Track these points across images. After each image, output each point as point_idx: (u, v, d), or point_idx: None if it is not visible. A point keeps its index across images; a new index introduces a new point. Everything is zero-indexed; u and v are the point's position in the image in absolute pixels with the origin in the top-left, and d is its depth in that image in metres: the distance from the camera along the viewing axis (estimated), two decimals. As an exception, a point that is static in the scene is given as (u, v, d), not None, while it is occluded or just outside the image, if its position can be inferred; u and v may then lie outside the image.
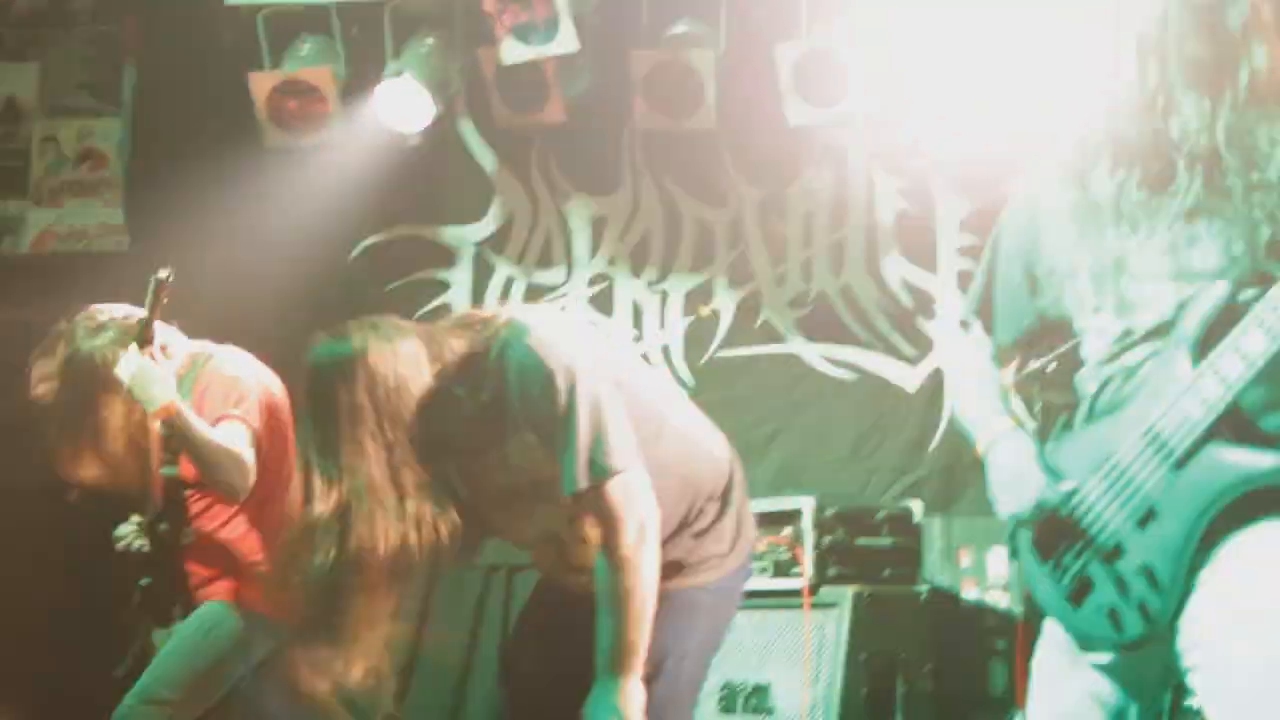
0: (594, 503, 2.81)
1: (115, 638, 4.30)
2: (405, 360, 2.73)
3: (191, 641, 4.10)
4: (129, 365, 3.93)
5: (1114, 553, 2.49)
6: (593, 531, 2.90)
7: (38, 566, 5.31)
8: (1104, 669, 2.56)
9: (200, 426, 3.97)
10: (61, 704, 5.22)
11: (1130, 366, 2.53)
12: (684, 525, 2.95)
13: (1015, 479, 2.60)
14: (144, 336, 3.94)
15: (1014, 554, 2.69)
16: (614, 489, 2.77)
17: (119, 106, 6.28)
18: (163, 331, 4.05)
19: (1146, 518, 2.46)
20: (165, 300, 3.95)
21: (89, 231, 6.35)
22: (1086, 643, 2.56)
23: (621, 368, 2.95)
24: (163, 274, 3.94)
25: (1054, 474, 2.57)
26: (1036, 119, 2.65)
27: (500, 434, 2.79)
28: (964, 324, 2.85)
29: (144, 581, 4.11)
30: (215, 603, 4.16)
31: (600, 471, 2.76)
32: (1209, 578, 2.41)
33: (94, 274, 5.95)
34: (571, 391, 2.75)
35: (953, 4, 5.74)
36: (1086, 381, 2.62)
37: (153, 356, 3.94)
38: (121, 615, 4.21)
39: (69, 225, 6.35)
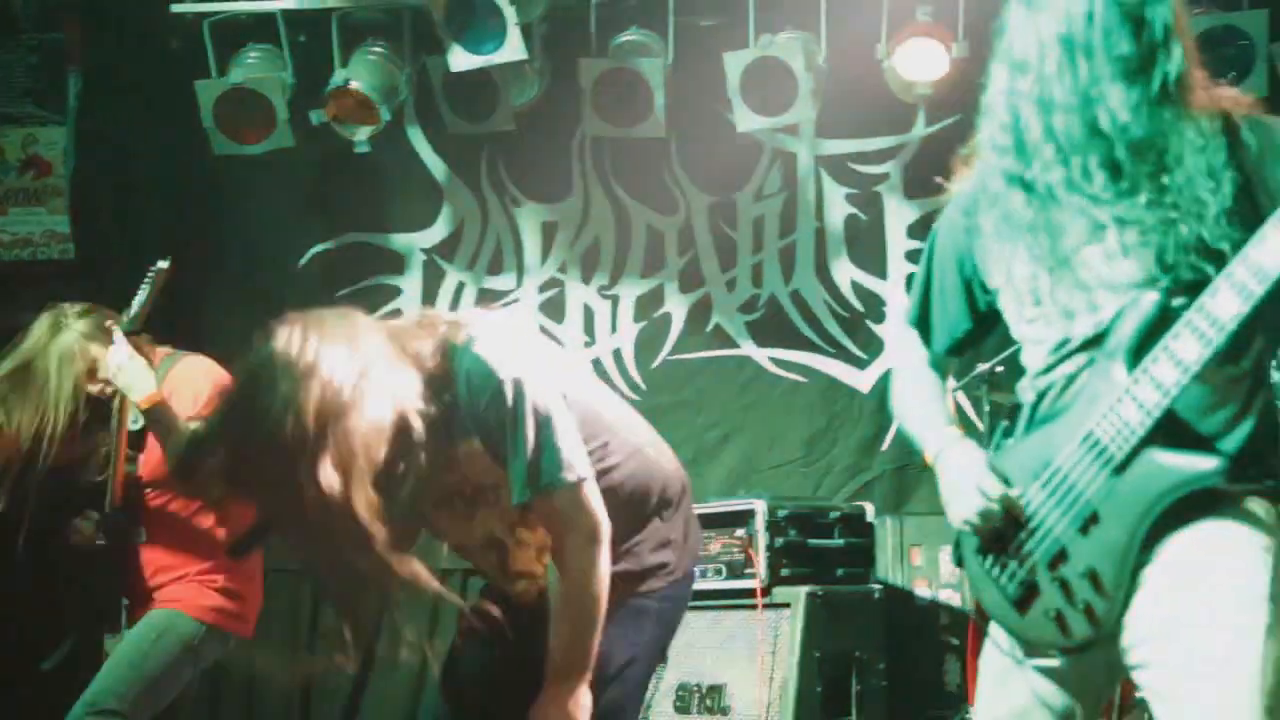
0: (544, 512, 2.83)
1: (57, 634, 4.28)
2: (370, 358, 2.70)
3: (140, 649, 4.09)
4: (119, 354, 3.92)
5: (1058, 558, 2.53)
6: (532, 538, 2.93)
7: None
8: (1050, 672, 2.59)
9: (180, 420, 3.97)
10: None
11: (1069, 375, 2.56)
12: (631, 535, 2.98)
13: (965, 487, 2.63)
14: (136, 325, 3.93)
15: (958, 561, 2.72)
16: (562, 499, 2.80)
17: (64, 114, 6.23)
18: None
19: (1089, 522, 2.50)
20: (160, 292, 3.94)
21: (34, 239, 6.30)
22: (1033, 647, 2.59)
23: (570, 379, 2.97)
24: (163, 265, 3.93)
25: (1003, 481, 2.60)
26: (974, 121, 2.67)
27: (450, 437, 2.79)
28: (904, 331, 2.88)
29: (91, 582, 4.11)
30: (165, 609, 4.15)
31: (549, 482, 2.79)
32: (1151, 576, 2.45)
33: (39, 282, 5.91)
34: (519, 402, 2.76)
35: (895, 8, 5.80)
36: (1025, 391, 2.66)
37: (139, 345, 3.93)
38: (68, 612, 4.19)
39: (13, 233, 6.30)
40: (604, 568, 2.82)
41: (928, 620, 5.75)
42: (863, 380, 6.29)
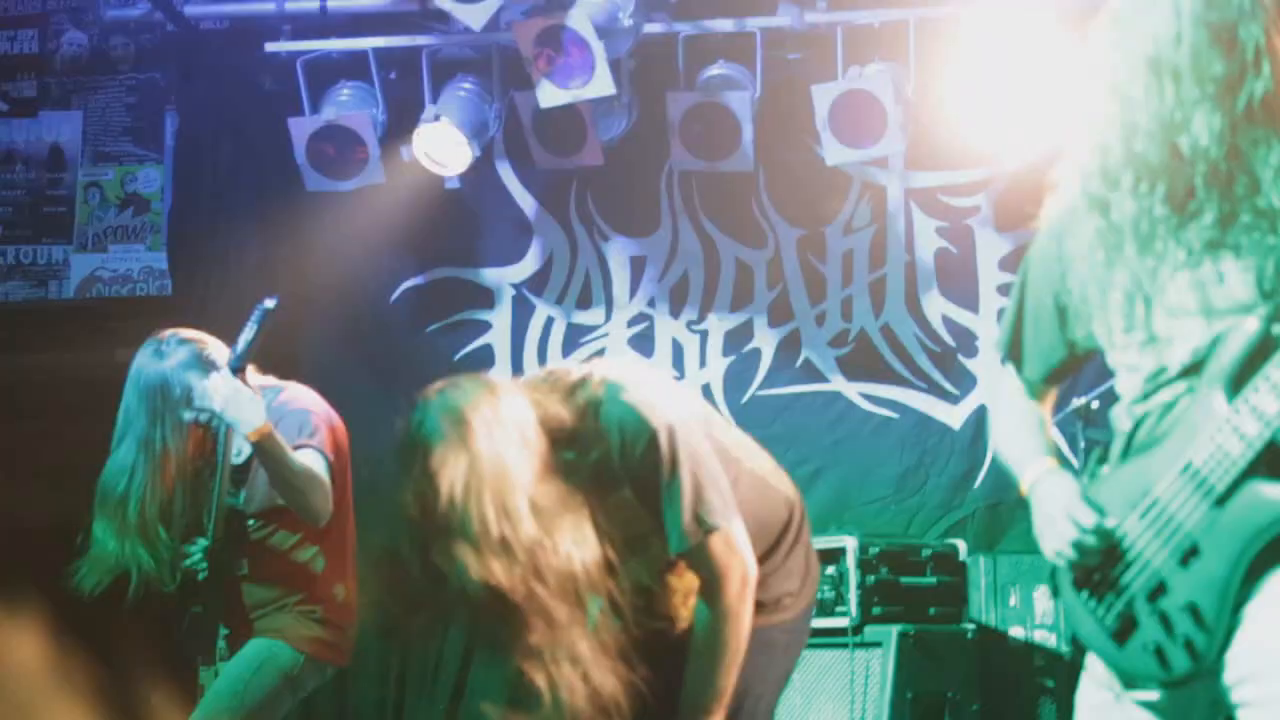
0: (699, 557, 2.89)
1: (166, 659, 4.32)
2: (514, 423, 2.74)
3: (241, 680, 4.11)
4: (224, 387, 3.96)
5: (1158, 590, 2.47)
6: (680, 584, 2.97)
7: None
8: (1150, 706, 2.53)
9: (289, 451, 4.01)
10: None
11: (1166, 403, 2.51)
12: (758, 564, 2.98)
13: (1060, 518, 2.58)
14: (242, 362, 3.98)
15: (1056, 593, 2.67)
16: (717, 544, 2.86)
17: (161, 153, 6.35)
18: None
19: (1189, 555, 2.44)
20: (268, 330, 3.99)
21: (133, 276, 6.41)
22: (1132, 680, 2.53)
23: (706, 419, 2.99)
24: (269, 303, 3.98)
25: (1098, 512, 2.55)
26: (1064, 149, 2.63)
27: (603, 491, 2.83)
28: (999, 361, 2.84)
29: (195, 609, 4.14)
30: (265, 639, 4.17)
31: (706, 528, 2.83)
32: (1254, 613, 2.38)
33: (138, 318, 6.01)
34: (674, 450, 2.82)
35: (978, 42, 5.75)
36: (1121, 419, 2.61)
37: (245, 381, 3.97)
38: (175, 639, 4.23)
39: (113, 270, 6.41)
40: (750, 609, 2.90)
41: (1022, 662, 5.65)
42: (955, 416, 6.22)
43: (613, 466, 2.81)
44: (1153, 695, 2.52)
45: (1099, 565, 2.54)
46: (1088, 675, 2.64)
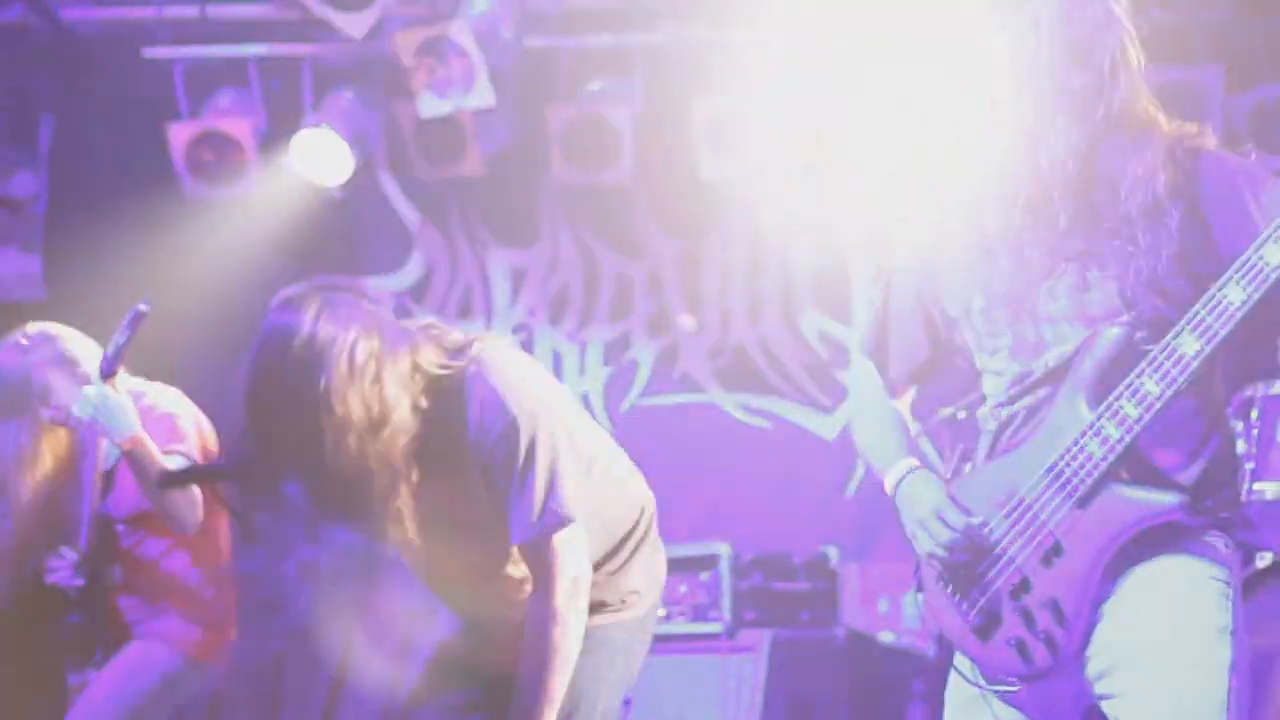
0: (535, 553, 2.84)
1: (35, 675, 4.26)
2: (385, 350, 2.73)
3: (118, 686, 4.07)
4: (95, 395, 3.91)
5: (1020, 587, 2.56)
6: (519, 570, 2.95)
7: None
8: (1013, 701, 2.62)
9: (160, 460, 3.96)
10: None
11: (1031, 407, 2.60)
12: (603, 563, 2.99)
13: (929, 519, 2.65)
14: (113, 368, 3.93)
15: (919, 587, 2.74)
16: (557, 542, 2.81)
17: (36, 156, 6.25)
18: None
19: (1051, 553, 2.53)
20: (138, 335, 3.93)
21: (5, 280, 6.30)
22: (994, 675, 2.62)
23: (568, 415, 2.98)
24: (143, 308, 3.91)
25: (962, 510, 2.63)
26: (932, 155, 2.70)
27: (449, 461, 2.79)
28: (861, 361, 2.90)
29: (73, 619, 4.09)
30: (142, 644, 4.13)
31: (549, 522, 2.80)
32: (1114, 609, 2.49)
33: (9, 322, 5.91)
34: (532, 442, 2.77)
35: (851, 57, 5.87)
36: (987, 420, 2.69)
37: (114, 388, 3.92)
38: (45, 652, 4.17)
39: (-14, 273, 6.30)
40: (583, 614, 2.85)
41: (892, 666, 5.78)
42: (828, 427, 6.34)
43: (463, 444, 2.77)
44: (1016, 689, 2.61)
45: (965, 563, 2.63)
46: (954, 672, 2.73)
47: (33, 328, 4.16)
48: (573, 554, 2.83)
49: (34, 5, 5.90)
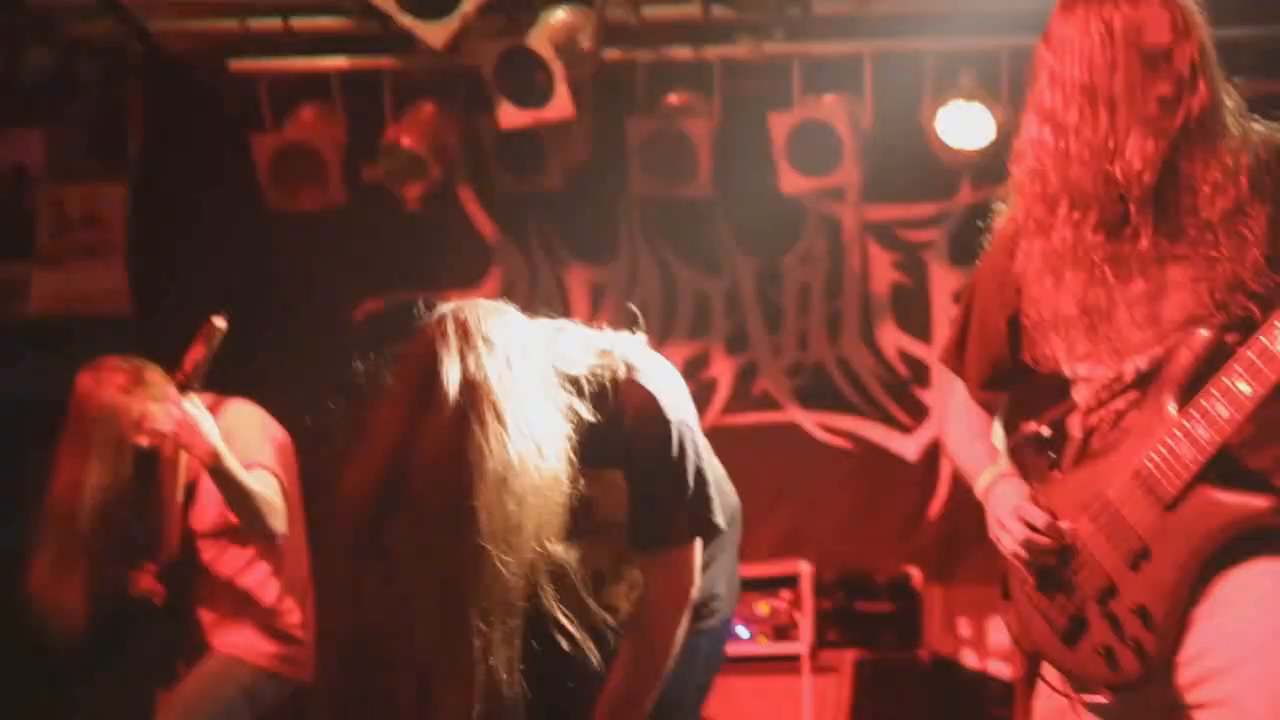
0: (659, 561, 2.81)
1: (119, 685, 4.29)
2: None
3: (199, 697, 4.09)
4: (175, 411, 3.93)
5: (1108, 592, 2.50)
6: (634, 575, 2.91)
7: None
8: (1103, 711, 2.56)
9: (243, 473, 3.98)
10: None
11: (1120, 411, 2.55)
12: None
13: (1011, 519, 2.61)
14: (193, 383, 3.95)
15: (1005, 594, 2.69)
16: (688, 553, 2.79)
17: (123, 171, 6.34)
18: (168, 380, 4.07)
19: (1139, 558, 2.47)
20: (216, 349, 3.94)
21: (91, 294, 6.37)
22: (1083, 683, 2.56)
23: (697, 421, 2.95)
24: (219, 322, 3.94)
25: (1049, 514, 2.58)
26: (1010, 171, 2.66)
27: (594, 461, 2.72)
28: (947, 369, 2.88)
29: (154, 630, 4.12)
30: (223, 656, 4.15)
31: (701, 529, 2.78)
32: (1204, 616, 2.42)
33: (95, 336, 5.98)
34: (683, 447, 2.74)
35: (939, 71, 5.83)
36: (1074, 427, 2.65)
37: (194, 403, 3.95)
38: (128, 662, 4.20)
39: (73, 288, 6.38)
40: (685, 626, 2.82)
41: (975, 690, 5.68)
42: (909, 446, 6.26)
43: (612, 442, 2.71)
44: (1105, 699, 2.54)
45: (1050, 567, 2.57)
46: (1043, 680, 2.67)
47: (110, 359, 4.20)
48: (689, 568, 2.82)
49: (123, 20, 5.98)
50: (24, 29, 6.21)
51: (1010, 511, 2.59)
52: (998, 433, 2.87)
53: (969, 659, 5.75)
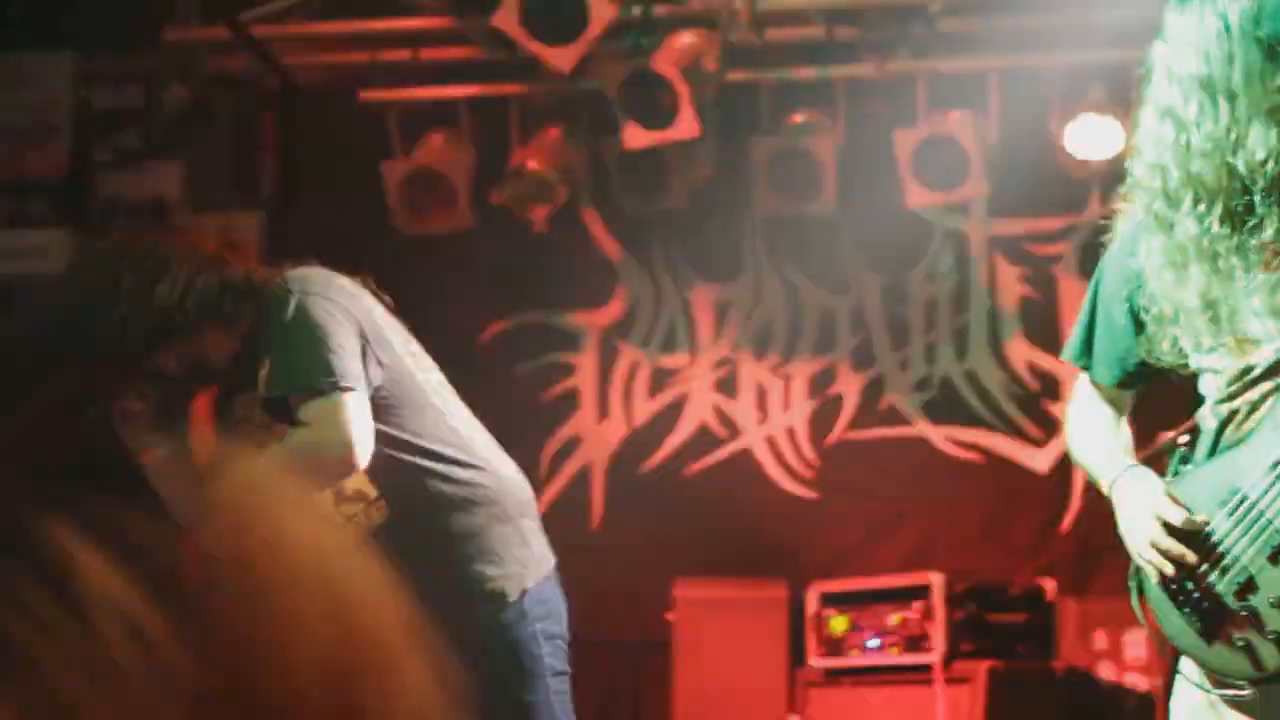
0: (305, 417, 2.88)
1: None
2: None
3: None
4: None
5: (1247, 586, 2.47)
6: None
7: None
8: (1242, 705, 2.53)
9: None
10: None
11: (1253, 401, 2.53)
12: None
13: (1144, 516, 2.59)
14: None
15: (1140, 590, 2.67)
16: (320, 406, 2.85)
17: (258, 200, 6.51)
18: None
19: (1278, 551, 2.44)
20: None
21: (229, 321, 6.54)
22: (1222, 678, 2.53)
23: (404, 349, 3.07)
24: None
25: (1184, 509, 2.56)
26: (1129, 167, 2.66)
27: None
28: (1071, 364, 2.86)
29: None
30: None
31: (308, 383, 2.85)
32: (1346, 608, 2.39)
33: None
34: (299, 309, 2.91)
35: (1066, 85, 5.80)
36: (1206, 419, 2.62)
37: None
38: None
39: (210, 316, 6.55)
40: (323, 479, 2.84)
41: (1112, 702, 5.60)
42: (1040, 460, 6.21)
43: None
44: (1244, 693, 2.52)
45: (1186, 563, 2.55)
46: (1182, 677, 2.64)
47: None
48: (338, 420, 2.93)
49: (258, 55, 6.16)
50: (163, 66, 6.42)
51: (1146, 509, 2.57)
52: (1125, 431, 2.85)
53: (1105, 671, 5.67)
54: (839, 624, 5.51)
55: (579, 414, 6.57)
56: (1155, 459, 5.04)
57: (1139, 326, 2.69)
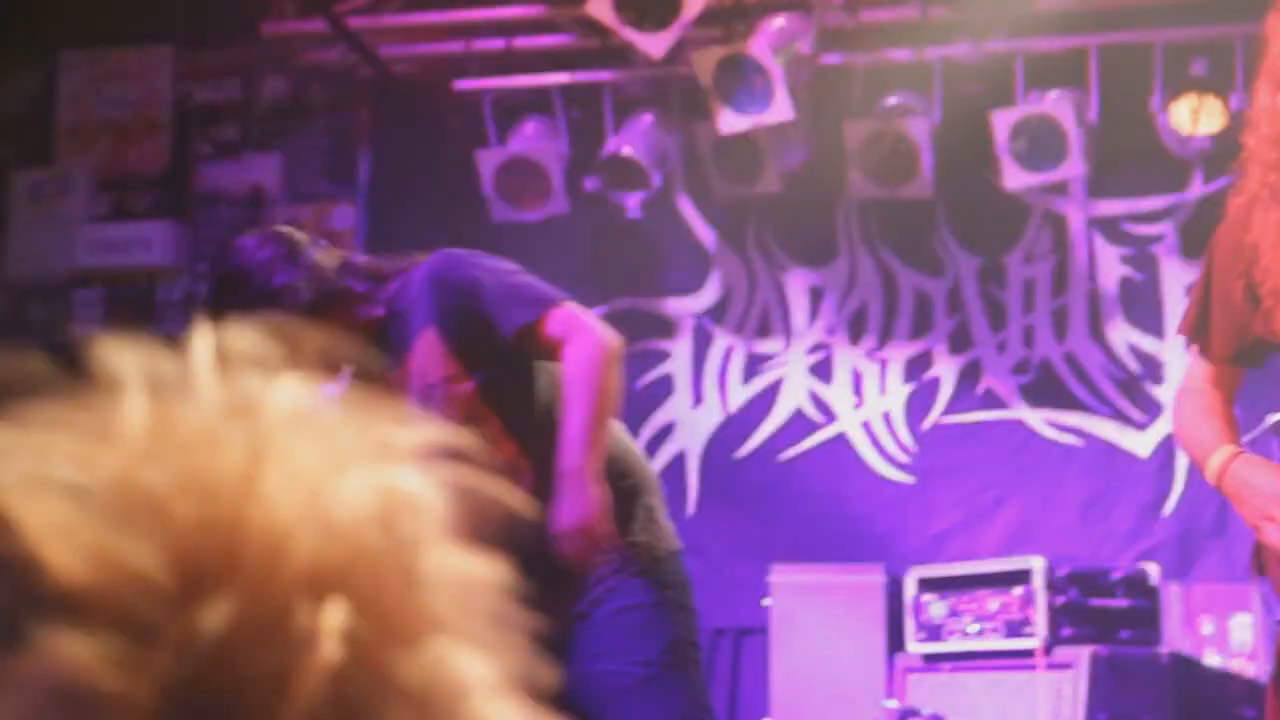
0: (544, 334, 3.13)
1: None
2: None
3: None
4: None
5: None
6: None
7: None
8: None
9: None
10: None
11: None
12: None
13: (1263, 495, 2.54)
14: None
15: (1260, 571, 2.63)
16: (559, 317, 3.13)
17: (355, 190, 6.58)
18: None
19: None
20: None
21: (327, 310, 6.61)
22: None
23: None
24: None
25: None
26: (1245, 140, 2.62)
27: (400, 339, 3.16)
28: (1184, 343, 2.82)
29: None
30: None
31: (545, 304, 3.16)
32: None
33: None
34: (479, 262, 3.23)
35: (1168, 62, 5.71)
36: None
37: None
38: None
39: (309, 306, 6.63)
40: (612, 376, 2.94)
41: (1219, 689, 5.51)
42: (1141, 443, 6.12)
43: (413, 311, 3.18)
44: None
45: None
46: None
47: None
48: (582, 321, 3.19)
49: (354, 46, 6.22)
50: (260, 59, 6.50)
51: (1270, 488, 2.53)
52: (1232, 414, 2.80)
53: (1211, 657, 5.58)
54: (938, 609, 5.47)
55: (673, 400, 6.56)
56: (1261, 440, 4.97)
57: (1255, 302, 2.65)
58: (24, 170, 6.56)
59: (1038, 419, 6.26)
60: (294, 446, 0.64)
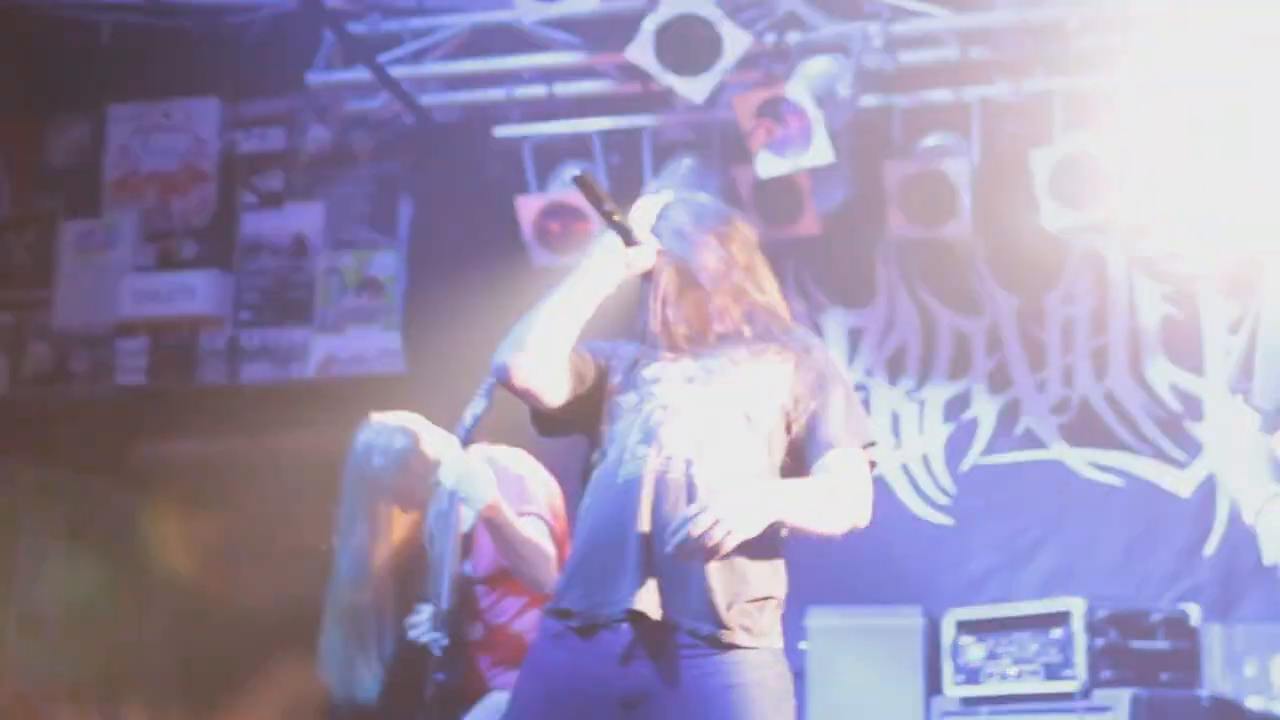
0: None
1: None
2: None
3: None
4: (457, 465, 4.07)
5: None
6: None
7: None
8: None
9: (518, 522, 4.10)
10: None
11: None
12: None
13: None
14: (472, 437, 4.07)
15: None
16: None
17: (396, 238, 6.65)
18: (446, 435, 4.23)
19: None
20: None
21: (368, 355, 6.68)
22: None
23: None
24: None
25: None
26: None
27: None
28: (1231, 395, 2.83)
29: (439, 677, 4.24)
30: (502, 692, 4.27)
31: None
32: None
33: (373, 395, 6.27)
34: None
35: (1198, 103, 5.71)
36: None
37: (474, 456, 4.08)
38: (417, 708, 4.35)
39: (350, 351, 6.70)
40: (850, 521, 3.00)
41: (1263, 733, 5.48)
42: (1183, 483, 6.10)
43: None
44: None
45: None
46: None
47: (375, 417, 4.37)
48: None
49: (397, 95, 6.30)
50: (305, 108, 6.59)
51: None
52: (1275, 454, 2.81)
53: (1253, 700, 5.54)
54: (977, 652, 5.46)
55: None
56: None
57: None
58: (72, 220, 6.67)
59: (1077, 459, 6.25)
60: None
